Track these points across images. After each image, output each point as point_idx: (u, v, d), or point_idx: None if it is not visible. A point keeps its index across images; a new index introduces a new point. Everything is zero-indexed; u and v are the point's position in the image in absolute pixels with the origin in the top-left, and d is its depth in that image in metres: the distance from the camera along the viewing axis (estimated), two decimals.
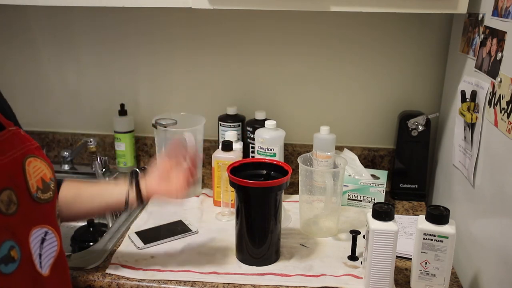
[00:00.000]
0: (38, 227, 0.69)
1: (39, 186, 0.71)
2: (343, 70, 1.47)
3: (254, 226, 1.05)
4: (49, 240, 0.71)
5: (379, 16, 1.40)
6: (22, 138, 0.73)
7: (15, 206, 0.66)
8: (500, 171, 0.90)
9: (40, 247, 0.69)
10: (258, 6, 1.15)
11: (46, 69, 1.60)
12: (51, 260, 0.72)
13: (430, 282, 0.97)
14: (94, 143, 1.48)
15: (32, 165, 0.71)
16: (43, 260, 0.69)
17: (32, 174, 0.70)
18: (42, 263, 0.69)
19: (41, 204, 0.71)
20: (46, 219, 0.72)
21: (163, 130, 1.33)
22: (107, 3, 1.20)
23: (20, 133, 0.74)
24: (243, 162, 1.11)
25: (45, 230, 0.70)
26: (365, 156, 1.51)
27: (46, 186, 0.73)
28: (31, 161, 0.71)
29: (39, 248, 0.69)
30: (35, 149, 0.74)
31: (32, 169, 0.71)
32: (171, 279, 1.01)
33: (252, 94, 1.53)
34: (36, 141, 0.77)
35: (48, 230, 0.71)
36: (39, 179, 0.71)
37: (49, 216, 0.73)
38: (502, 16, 0.94)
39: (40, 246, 0.69)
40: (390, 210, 0.94)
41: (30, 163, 0.71)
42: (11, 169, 0.67)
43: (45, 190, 0.72)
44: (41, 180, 0.72)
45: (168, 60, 1.54)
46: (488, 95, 0.98)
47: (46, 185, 0.73)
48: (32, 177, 0.70)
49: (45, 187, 0.72)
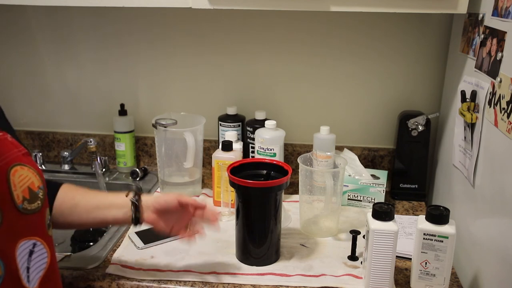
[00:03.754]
0: (25, 239, 0.66)
1: (26, 197, 0.68)
2: (343, 70, 1.47)
3: (254, 226, 1.05)
4: (38, 252, 0.69)
5: (379, 16, 1.40)
6: (9, 145, 0.70)
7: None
8: (500, 171, 0.90)
9: (28, 259, 0.66)
10: (258, 6, 1.15)
11: (46, 69, 1.60)
12: (41, 273, 0.69)
13: (430, 282, 0.97)
14: (94, 143, 1.48)
15: (18, 174, 0.67)
16: (31, 273, 0.67)
17: (17, 184, 0.67)
18: (30, 277, 0.67)
19: (27, 215, 0.68)
20: (34, 231, 0.69)
21: (163, 130, 1.33)
22: (107, 3, 1.20)
23: (7, 140, 0.71)
24: (243, 162, 1.11)
25: (33, 242, 0.68)
26: (365, 156, 1.51)
27: (34, 196, 0.69)
28: (17, 170, 0.68)
29: (27, 261, 0.66)
30: (22, 156, 0.71)
31: (17, 179, 0.67)
32: (171, 279, 1.01)
33: (252, 94, 1.53)
34: (24, 147, 0.74)
35: (37, 242, 0.68)
36: (26, 188, 0.68)
37: (37, 227, 0.70)
38: (502, 16, 0.94)
39: (28, 259, 0.66)
40: (390, 210, 0.94)
41: (16, 172, 0.67)
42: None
43: (32, 200, 0.69)
44: (28, 190, 0.69)
45: (168, 60, 1.54)
46: (488, 95, 0.98)
47: (34, 195, 0.70)
48: (17, 187, 0.67)
49: (33, 197, 0.69)
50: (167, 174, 1.39)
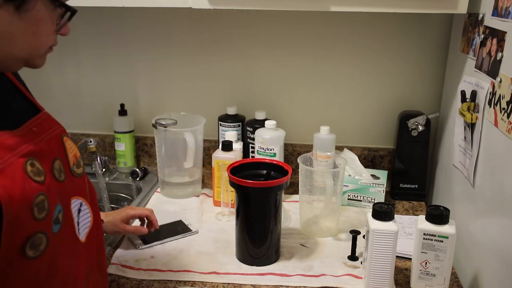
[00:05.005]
0: (75, 197, 0.74)
1: (74, 162, 0.77)
2: (343, 70, 1.47)
3: (254, 226, 1.05)
4: (84, 211, 0.76)
5: (379, 16, 1.40)
6: (54, 121, 0.80)
7: (64, 175, 0.72)
8: (500, 171, 0.90)
9: (78, 216, 0.74)
10: (258, 6, 1.15)
11: (46, 69, 1.58)
12: (87, 229, 0.77)
13: (430, 282, 0.97)
14: (94, 143, 1.48)
15: (68, 143, 0.77)
16: (80, 227, 0.75)
17: (69, 149, 0.77)
18: (80, 230, 0.75)
19: (76, 178, 0.76)
20: (80, 192, 0.77)
21: (163, 130, 1.33)
22: (107, 3, 1.20)
23: (51, 116, 0.80)
24: (243, 162, 1.11)
25: (80, 201, 0.75)
26: (365, 156, 1.51)
27: (78, 162, 0.79)
28: (67, 140, 0.77)
29: (77, 217, 0.74)
30: (64, 131, 0.80)
31: (68, 146, 0.77)
32: (171, 279, 1.01)
33: (252, 94, 1.53)
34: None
35: (83, 202, 0.76)
36: (73, 155, 0.78)
37: (82, 189, 0.78)
38: (502, 16, 0.94)
39: (78, 215, 0.74)
40: (390, 210, 0.94)
41: (66, 141, 0.77)
42: (56, 142, 0.74)
43: (78, 165, 0.78)
44: (75, 157, 0.78)
45: (168, 60, 1.54)
46: (488, 95, 0.98)
47: (78, 162, 0.79)
48: (69, 152, 0.76)
49: (78, 163, 0.78)
50: (167, 174, 1.39)
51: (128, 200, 1.51)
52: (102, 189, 1.45)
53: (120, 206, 1.51)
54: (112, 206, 1.49)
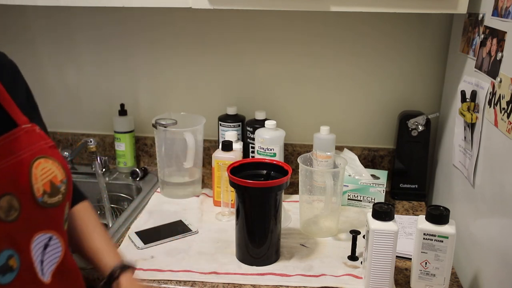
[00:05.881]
0: (41, 232, 0.66)
1: (46, 190, 0.68)
2: (343, 70, 1.47)
3: (254, 226, 1.05)
4: (53, 245, 0.69)
5: (379, 16, 1.40)
6: (36, 137, 0.70)
7: (17, 212, 0.63)
8: (500, 171, 0.90)
9: (43, 253, 0.66)
10: (258, 6, 1.15)
11: (46, 69, 1.60)
12: (53, 266, 0.69)
13: (430, 282, 0.97)
14: (94, 143, 1.48)
15: (41, 167, 0.68)
16: (44, 266, 0.67)
17: (39, 177, 0.67)
18: (44, 270, 0.67)
19: (46, 209, 0.68)
20: (52, 224, 0.69)
21: (163, 130, 1.33)
22: (107, 3, 1.20)
23: (35, 132, 0.71)
24: (243, 162, 1.11)
25: (49, 236, 0.68)
26: (365, 156, 1.51)
27: (55, 190, 0.69)
28: (41, 162, 0.68)
29: (41, 254, 0.66)
30: (48, 149, 0.71)
31: (40, 172, 0.67)
32: (171, 279, 1.01)
33: (252, 94, 1.53)
34: (51, 140, 0.74)
35: (53, 236, 0.68)
36: (48, 182, 0.68)
37: (55, 221, 0.70)
38: (502, 16, 0.94)
39: (43, 252, 0.66)
40: (390, 210, 0.94)
41: (39, 165, 0.67)
42: (14, 172, 0.64)
43: (53, 193, 0.69)
44: (50, 183, 0.68)
45: (168, 60, 1.54)
46: (488, 95, 0.98)
47: (55, 189, 0.69)
48: (38, 180, 0.67)
49: (54, 191, 0.69)
50: (167, 174, 1.39)
51: (128, 200, 1.51)
52: (102, 189, 1.45)
53: (120, 206, 1.51)
54: (112, 206, 1.49)
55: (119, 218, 1.27)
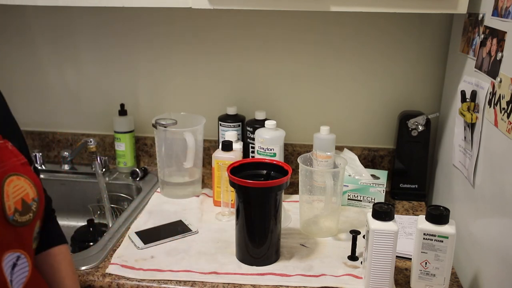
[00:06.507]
0: (10, 251, 0.64)
1: (18, 208, 0.66)
2: (343, 70, 1.47)
3: (254, 226, 1.05)
4: (21, 265, 0.67)
5: (379, 16, 1.40)
6: (8, 154, 0.68)
7: None
8: (500, 171, 0.90)
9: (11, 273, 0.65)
10: (258, 6, 1.15)
11: (46, 69, 1.60)
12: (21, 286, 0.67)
13: (430, 282, 0.97)
14: (94, 143, 1.48)
15: (13, 185, 0.66)
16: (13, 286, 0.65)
17: (11, 195, 0.65)
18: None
19: (16, 228, 0.66)
20: (21, 243, 0.67)
21: (163, 130, 1.33)
22: (107, 3, 1.20)
23: (7, 148, 0.69)
24: (243, 162, 1.11)
25: (17, 255, 0.66)
26: (365, 156, 1.51)
27: (26, 208, 0.68)
28: (13, 180, 0.66)
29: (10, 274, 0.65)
30: (21, 166, 0.69)
31: (12, 189, 0.66)
32: (171, 279, 1.01)
33: (252, 94, 1.53)
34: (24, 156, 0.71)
35: (21, 255, 0.67)
36: (19, 200, 0.67)
37: (24, 239, 0.68)
38: (502, 16, 0.94)
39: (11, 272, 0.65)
40: (390, 210, 0.94)
41: (11, 183, 0.66)
42: None
43: (24, 212, 0.67)
44: (21, 201, 0.67)
45: (168, 60, 1.54)
46: (488, 95, 0.98)
47: (27, 207, 0.68)
48: (10, 198, 0.65)
49: (25, 209, 0.68)
50: (167, 174, 1.39)
51: (128, 200, 1.51)
52: (102, 189, 1.45)
53: (120, 206, 1.51)
54: (112, 206, 1.49)
55: (119, 218, 1.28)
